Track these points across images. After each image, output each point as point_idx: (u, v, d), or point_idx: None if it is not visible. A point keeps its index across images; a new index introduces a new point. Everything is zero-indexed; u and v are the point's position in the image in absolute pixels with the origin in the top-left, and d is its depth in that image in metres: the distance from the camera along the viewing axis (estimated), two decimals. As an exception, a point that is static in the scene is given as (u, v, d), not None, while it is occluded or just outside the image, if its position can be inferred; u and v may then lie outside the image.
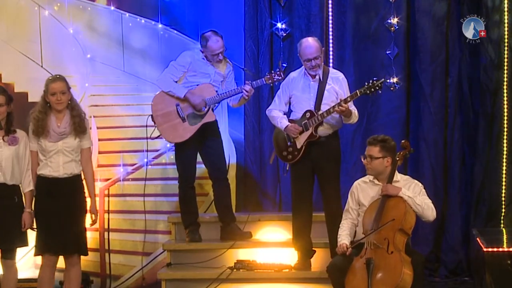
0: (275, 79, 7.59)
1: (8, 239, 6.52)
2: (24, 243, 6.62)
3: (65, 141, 6.59)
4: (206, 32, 7.65)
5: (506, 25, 8.13)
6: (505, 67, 8.15)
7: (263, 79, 7.61)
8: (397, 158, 6.61)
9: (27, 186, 6.61)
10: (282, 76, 7.56)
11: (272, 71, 7.69)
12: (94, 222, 6.69)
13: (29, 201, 6.60)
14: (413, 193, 6.51)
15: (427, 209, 6.47)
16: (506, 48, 8.13)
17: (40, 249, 6.59)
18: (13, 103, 6.63)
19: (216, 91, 7.58)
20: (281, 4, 8.45)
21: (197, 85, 7.61)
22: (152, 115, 7.65)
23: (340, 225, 6.72)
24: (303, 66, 7.25)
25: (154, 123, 7.66)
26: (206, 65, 7.64)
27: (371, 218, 6.44)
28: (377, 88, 6.96)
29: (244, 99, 7.62)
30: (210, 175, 7.79)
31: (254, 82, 7.58)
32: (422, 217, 6.49)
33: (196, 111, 7.56)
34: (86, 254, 6.77)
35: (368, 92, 6.98)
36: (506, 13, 8.12)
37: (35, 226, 6.61)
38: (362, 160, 6.64)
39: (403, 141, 6.78)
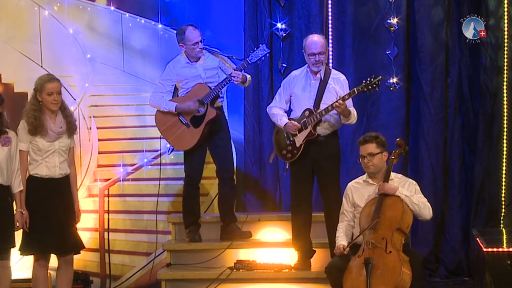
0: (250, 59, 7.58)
1: (3, 239, 6.49)
2: (14, 243, 6.58)
3: (61, 141, 6.59)
4: (180, 28, 7.70)
5: (506, 26, 8.12)
6: (505, 68, 8.14)
7: (240, 65, 7.60)
8: (393, 157, 6.59)
9: (18, 186, 6.56)
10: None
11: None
12: (77, 221, 6.70)
13: (21, 201, 6.57)
14: (409, 192, 6.51)
15: (424, 208, 6.46)
16: (506, 48, 8.12)
17: (34, 249, 6.56)
18: (5, 103, 6.53)
19: (209, 87, 7.59)
20: (281, 4, 8.45)
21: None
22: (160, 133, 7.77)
23: (337, 227, 6.71)
24: (305, 65, 7.25)
25: (165, 139, 7.76)
26: (192, 68, 7.67)
27: (367, 217, 6.42)
28: (375, 85, 6.94)
29: (243, 82, 7.62)
30: (217, 174, 7.81)
31: (239, 66, 7.60)
32: (419, 216, 6.47)
33: (196, 113, 7.58)
34: (79, 253, 6.76)
35: (365, 89, 6.96)
36: (506, 14, 8.11)
37: (27, 226, 6.56)
38: (360, 161, 6.62)
39: (398, 139, 6.74)
